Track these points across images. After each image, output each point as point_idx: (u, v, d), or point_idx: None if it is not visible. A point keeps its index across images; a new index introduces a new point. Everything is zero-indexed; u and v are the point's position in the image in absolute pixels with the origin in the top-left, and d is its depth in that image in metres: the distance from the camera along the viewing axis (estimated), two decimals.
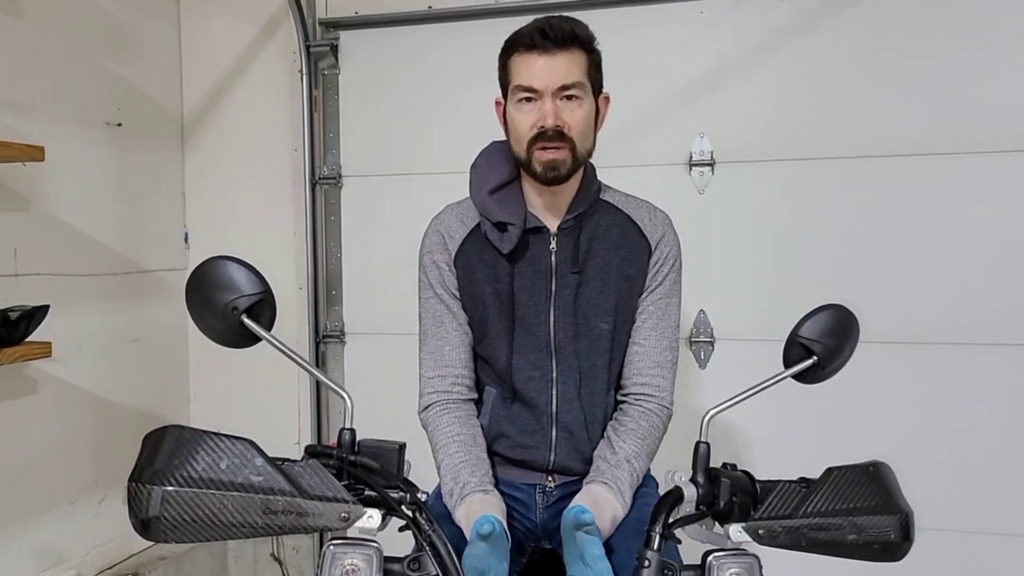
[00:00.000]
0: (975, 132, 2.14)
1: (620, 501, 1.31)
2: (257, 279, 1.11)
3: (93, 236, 2.33)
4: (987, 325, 2.16)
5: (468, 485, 1.31)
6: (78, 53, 2.29)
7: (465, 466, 1.34)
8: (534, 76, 1.31)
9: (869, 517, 1.02)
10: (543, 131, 1.31)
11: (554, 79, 1.31)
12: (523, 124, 1.33)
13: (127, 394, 2.46)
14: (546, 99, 1.31)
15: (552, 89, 1.31)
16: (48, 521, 2.19)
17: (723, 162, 2.32)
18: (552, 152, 1.32)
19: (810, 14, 2.24)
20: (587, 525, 1.14)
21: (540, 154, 1.33)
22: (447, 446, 1.38)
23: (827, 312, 1.18)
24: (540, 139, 1.32)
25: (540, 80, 1.31)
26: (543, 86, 1.31)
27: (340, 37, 2.58)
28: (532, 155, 1.33)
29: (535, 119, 1.32)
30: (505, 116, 1.40)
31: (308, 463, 0.98)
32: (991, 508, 2.17)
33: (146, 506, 0.89)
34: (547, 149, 1.32)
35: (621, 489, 1.32)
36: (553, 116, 1.31)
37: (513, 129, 1.36)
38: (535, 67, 1.31)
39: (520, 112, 1.34)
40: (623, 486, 1.33)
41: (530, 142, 1.33)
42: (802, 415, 2.22)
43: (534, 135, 1.32)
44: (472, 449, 1.38)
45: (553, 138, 1.31)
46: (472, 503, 1.28)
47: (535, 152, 1.33)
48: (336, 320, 2.64)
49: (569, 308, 1.40)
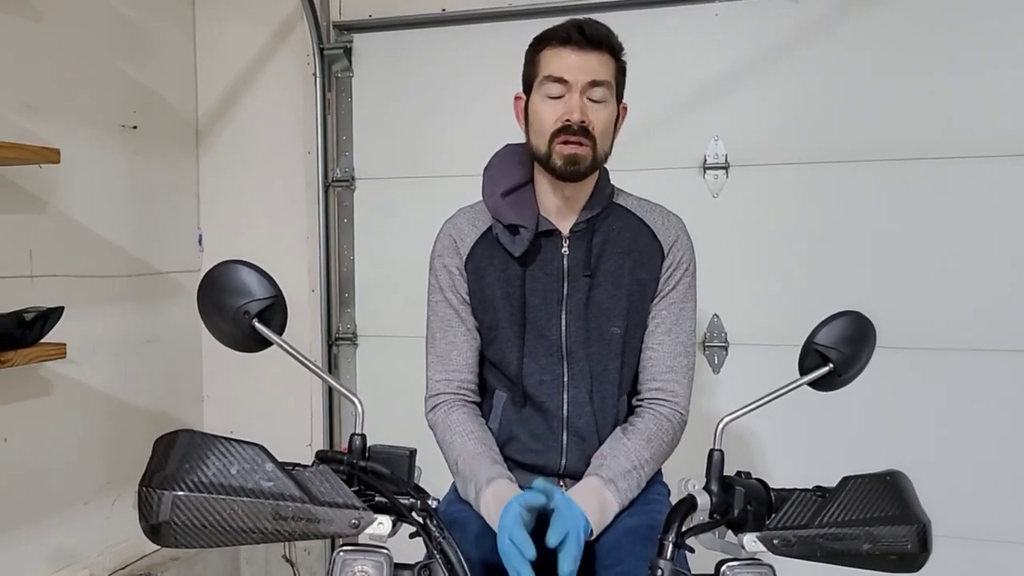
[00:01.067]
0: (995, 136, 2.12)
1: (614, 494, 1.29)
2: (268, 283, 1.11)
3: (108, 238, 2.34)
4: (1008, 332, 2.13)
5: (492, 471, 1.30)
6: (94, 56, 2.31)
7: (484, 456, 1.34)
8: (565, 68, 1.32)
9: (886, 527, 1.00)
10: (567, 125, 1.31)
11: (585, 74, 1.31)
12: (548, 116, 1.33)
13: (141, 395, 2.47)
14: (574, 94, 1.31)
15: (582, 84, 1.31)
16: (61, 521, 2.21)
17: (737, 165, 2.30)
18: (574, 147, 1.32)
19: (825, 16, 2.22)
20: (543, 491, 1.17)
21: (562, 147, 1.33)
22: (463, 441, 1.37)
23: (843, 319, 1.17)
24: (564, 132, 1.32)
25: (571, 73, 1.31)
26: (573, 79, 1.31)
27: (354, 40, 2.58)
28: (553, 148, 1.33)
29: (560, 112, 1.32)
30: (527, 111, 1.40)
31: (319, 469, 0.97)
32: (1012, 517, 2.14)
33: (156, 511, 0.89)
34: (569, 143, 1.32)
35: (613, 479, 1.30)
36: (579, 111, 1.31)
37: (536, 121, 1.36)
38: (568, 60, 1.32)
39: (545, 105, 1.34)
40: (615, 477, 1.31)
41: (553, 135, 1.33)
42: (818, 422, 2.20)
43: (558, 128, 1.32)
44: (486, 440, 1.38)
45: (577, 133, 1.32)
46: (499, 489, 1.27)
47: (557, 145, 1.33)
48: (348, 323, 2.64)
49: (581, 312, 1.40)
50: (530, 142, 1.39)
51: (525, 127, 1.41)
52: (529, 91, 1.39)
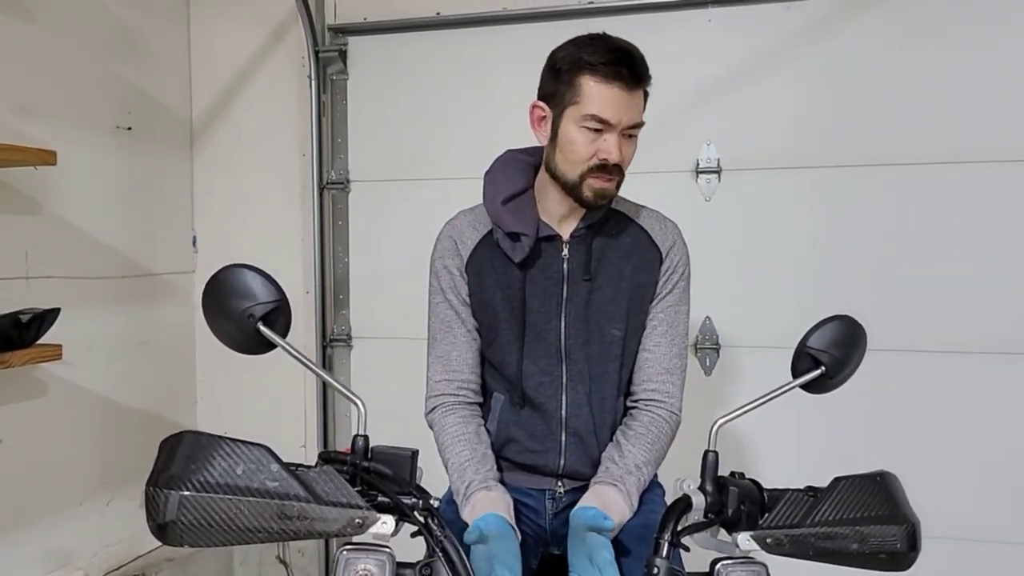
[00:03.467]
0: (986, 141, 2.15)
1: (628, 504, 1.32)
2: (273, 287, 1.13)
3: (103, 239, 2.35)
4: (996, 334, 2.16)
5: (472, 484, 1.33)
6: (89, 58, 2.31)
7: (470, 464, 1.36)
8: (611, 111, 1.30)
9: (876, 527, 1.02)
10: (604, 163, 1.32)
11: (628, 117, 1.31)
12: (585, 151, 1.32)
13: (135, 396, 2.47)
14: (614, 134, 1.31)
15: (624, 126, 1.32)
16: (56, 522, 2.21)
17: (730, 170, 2.33)
18: (606, 183, 1.34)
19: (817, 22, 2.25)
20: (605, 531, 1.15)
21: (595, 182, 1.34)
22: (453, 445, 1.40)
23: (835, 323, 1.19)
24: (600, 170, 1.33)
25: (616, 116, 1.30)
26: (617, 121, 1.31)
27: (349, 43, 2.59)
28: (585, 181, 1.34)
29: (598, 149, 1.32)
30: (555, 128, 1.36)
31: (323, 469, 0.99)
32: (998, 516, 2.18)
33: (163, 510, 0.90)
34: (602, 179, 1.34)
35: (629, 492, 1.33)
36: (618, 152, 1.32)
37: (570, 151, 1.34)
38: (614, 101, 1.30)
39: (583, 137, 1.32)
40: (631, 489, 1.34)
41: (588, 170, 1.33)
42: (809, 424, 2.23)
43: (594, 165, 1.33)
44: (477, 446, 1.40)
45: (611, 171, 1.33)
46: (476, 503, 1.30)
47: (590, 180, 1.34)
48: (343, 324, 2.65)
49: (580, 314, 1.42)
50: (555, 163, 1.37)
51: (550, 143, 1.38)
52: (557, 108, 1.35)
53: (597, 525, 1.19)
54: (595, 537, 1.19)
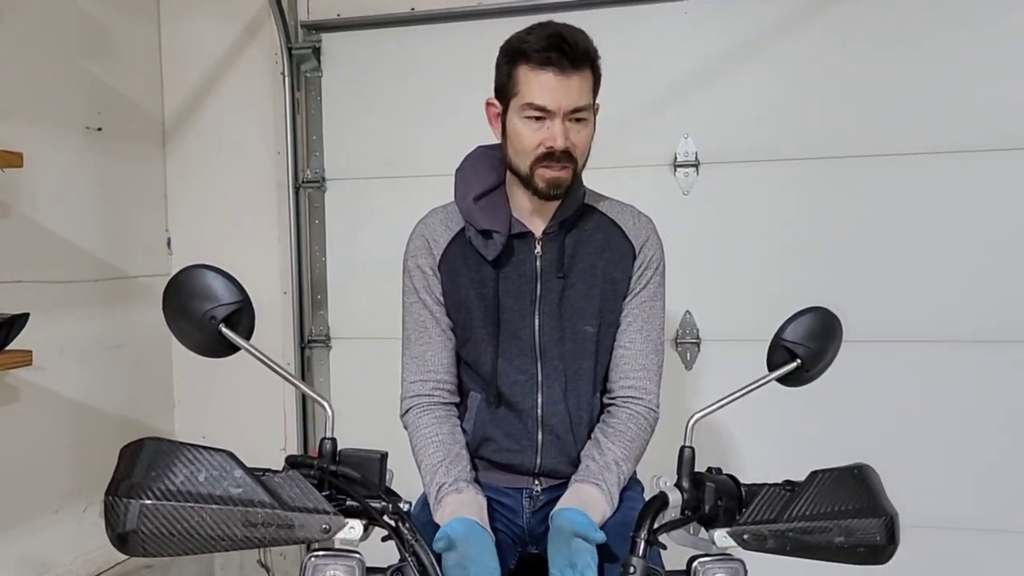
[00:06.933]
0: (959, 131, 2.15)
1: (608, 502, 1.31)
2: (235, 287, 1.10)
3: (74, 242, 2.30)
4: (971, 323, 2.17)
5: (444, 487, 1.32)
6: (57, 56, 2.27)
7: (442, 466, 1.35)
8: (547, 98, 1.27)
9: (854, 520, 1.02)
10: (551, 151, 1.29)
11: (568, 102, 1.28)
12: (529, 141, 1.30)
13: (110, 401, 2.44)
14: (557, 120, 1.28)
15: (565, 111, 1.28)
16: (32, 530, 2.17)
17: (708, 163, 2.32)
18: (557, 171, 1.31)
19: (795, 14, 2.24)
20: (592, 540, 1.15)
21: (544, 172, 1.31)
22: (426, 447, 1.38)
23: (810, 315, 1.18)
24: (547, 159, 1.30)
25: (554, 102, 1.27)
26: (556, 107, 1.28)
27: (322, 39, 2.56)
28: (535, 172, 1.32)
29: (542, 137, 1.29)
30: (504, 122, 1.35)
31: (288, 474, 0.97)
32: (978, 505, 2.19)
33: (123, 520, 0.88)
34: (552, 168, 1.31)
35: (610, 490, 1.32)
36: (563, 138, 1.29)
37: (517, 143, 1.32)
38: (549, 87, 1.27)
39: (527, 127, 1.30)
40: (612, 487, 1.33)
41: (536, 160, 1.31)
42: (787, 417, 2.23)
43: (541, 154, 1.30)
44: (451, 447, 1.38)
45: (560, 158, 1.30)
46: (447, 506, 1.29)
47: (539, 170, 1.31)
48: (321, 325, 2.62)
49: (554, 311, 1.40)
50: (508, 156, 1.36)
51: (502, 137, 1.38)
52: (505, 102, 1.34)
53: (587, 535, 1.17)
54: (580, 543, 1.17)
